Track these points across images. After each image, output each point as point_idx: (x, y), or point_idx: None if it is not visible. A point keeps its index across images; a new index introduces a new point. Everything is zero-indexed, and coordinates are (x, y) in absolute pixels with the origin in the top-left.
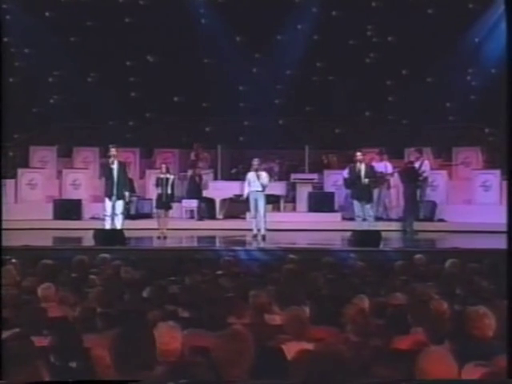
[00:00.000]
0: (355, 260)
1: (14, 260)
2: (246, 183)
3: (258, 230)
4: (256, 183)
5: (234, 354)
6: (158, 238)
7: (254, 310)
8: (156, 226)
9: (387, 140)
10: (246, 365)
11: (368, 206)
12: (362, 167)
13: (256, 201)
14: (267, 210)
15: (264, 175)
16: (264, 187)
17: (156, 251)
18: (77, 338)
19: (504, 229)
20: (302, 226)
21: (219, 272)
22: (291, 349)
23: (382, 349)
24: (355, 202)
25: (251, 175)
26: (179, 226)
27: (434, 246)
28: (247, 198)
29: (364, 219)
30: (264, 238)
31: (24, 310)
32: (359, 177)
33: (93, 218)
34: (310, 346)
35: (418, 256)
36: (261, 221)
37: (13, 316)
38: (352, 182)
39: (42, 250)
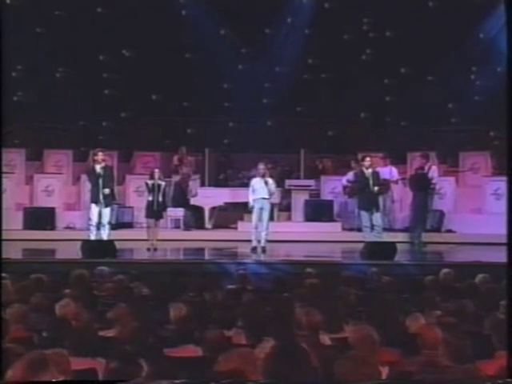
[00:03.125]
0: (378, 274)
1: (3, 274)
2: (250, 190)
3: (258, 242)
4: (263, 190)
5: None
6: (148, 249)
7: (309, 329)
8: (139, 237)
9: (385, 143)
10: None
11: (377, 216)
12: (371, 173)
13: (261, 210)
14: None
15: (271, 181)
16: (271, 195)
17: (155, 264)
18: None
19: None
20: (298, 236)
21: (236, 287)
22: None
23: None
24: (362, 212)
25: (257, 181)
26: (164, 237)
27: (450, 259)
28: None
29: (372, 229)
30: (264, 250)
31: (72, 330)
32: (367, 184)
33: (68, 228)
34: (385, 370)
35: (445, 270)
36: (262, 232)
37: (50, 335)
38: (360, 190)
39: (36, 263)
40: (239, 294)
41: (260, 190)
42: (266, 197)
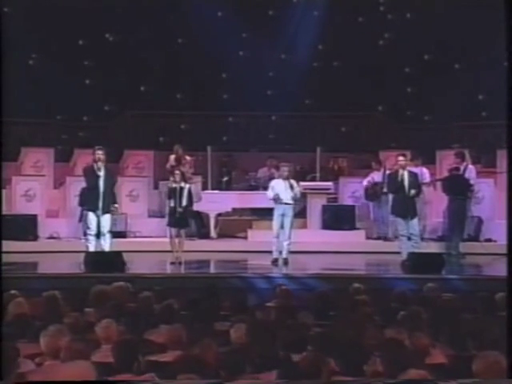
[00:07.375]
0: (437, 290)
1: (13, 291)
2: (270, 194)
3: (280, 253)
4: (285, 194)
5: None
6: (173, 263)
7: (416, 353)
8: (136, 248)
9: (407, 140)
10: None
11: (413, 223)
12: (406, 175)
13: (283, 216)
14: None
15: (296, 184)
16: (296, 200)
17: (175, 279)
18: None
19: None
20: (316, 247)
21: (284, 304)
22: None
23: None
24: (398, 219)
25: (278, 183)
26: (164, 248)
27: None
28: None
29: (409, 238)
30: (286, 262)
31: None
32: (402, 187)
33: (51, 238)
34: None
35: None
36: (284, 241)
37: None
38: (394, 193)
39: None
40: (293, 312)
41: (282, 194)
42: (290, 202)
